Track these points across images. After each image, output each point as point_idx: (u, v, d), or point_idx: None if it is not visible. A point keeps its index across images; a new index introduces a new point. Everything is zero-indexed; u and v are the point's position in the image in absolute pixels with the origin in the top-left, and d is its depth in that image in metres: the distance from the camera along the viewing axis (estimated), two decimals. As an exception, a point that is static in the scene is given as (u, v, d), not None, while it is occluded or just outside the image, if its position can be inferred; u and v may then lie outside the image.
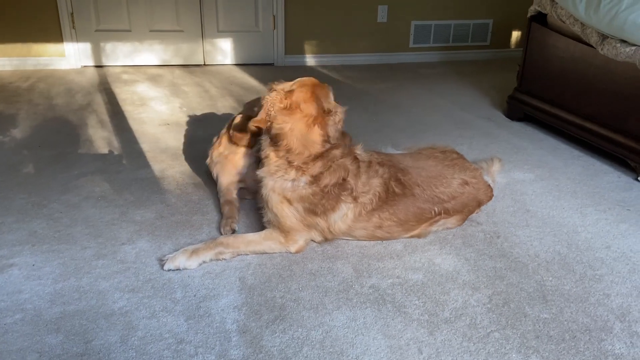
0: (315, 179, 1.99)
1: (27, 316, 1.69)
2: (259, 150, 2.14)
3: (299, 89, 2.01)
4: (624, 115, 2.84)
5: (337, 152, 2.04)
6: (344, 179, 2.02)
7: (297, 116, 1.97)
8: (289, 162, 1.99)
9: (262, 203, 2.09)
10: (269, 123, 2.00)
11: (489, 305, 1.79)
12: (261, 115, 2.01)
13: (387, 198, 2.07)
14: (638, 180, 2.73)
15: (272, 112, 1.98)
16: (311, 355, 1.57)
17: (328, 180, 1.99)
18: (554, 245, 2.15)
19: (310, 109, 1.99)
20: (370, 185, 2.06)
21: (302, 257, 2.05)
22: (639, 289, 1.88)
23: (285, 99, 1.99)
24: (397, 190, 2.08)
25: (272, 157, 2.02)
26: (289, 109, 1.97)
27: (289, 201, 2.00)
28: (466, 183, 2.21)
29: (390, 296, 1.83)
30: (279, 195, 2.00)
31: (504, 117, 3.80)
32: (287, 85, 2.04)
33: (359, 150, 2.13)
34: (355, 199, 2.03)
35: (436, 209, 2.13)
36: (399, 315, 1.74)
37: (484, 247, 2.13)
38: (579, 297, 1.84)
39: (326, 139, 2.01)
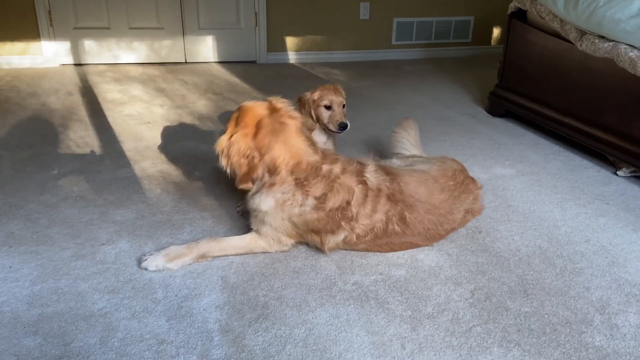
0: (320, 202, 1.91)
1: (4, 319, 1.65)
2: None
3: (242, 114, 1.94)
4: (602, 110, 2.88)
5: (336, 170, 1.95)
6: (348, 203, 1.92)
7: (264, 132, 1.89)
8: (296, 180, 1.90)
9: (254, 217, 2.01)
10: (258, 168, 1.90)
11: (471, 300, 1.80)
12: (243, 170, 1.91)
13: (384, 235, 1.98)
14: (617, 175, 2.77)
15: (251, 152, 1.89)
16: (294, 353, 1.56)
17: (332, 203, 1.91)
18: (534, 239, 2.17)
19: (268, 118, 1.92)
20: (371, 220, 1.95)
21: (285, 256, 2.03)
22: (619, 281, 1.91)
23: (244, 129, 1.90)
24: (397, 229, 1.97)
25: (276, 184, 1.91)
26: (257, 133, 1.89)
27: (294, 224, 1.95)
28: (468, 212, 2.16)
29: (373, 293, 1.83)
30: (285, 220, 1.95)
31: (485, 113, 3.83)
32: (232, 124, 1.95)
33: (368, 173, 2.00)
34: (352, 228, 1.94)
35: (434, 244, 2.09)
36: (382, 312, 1.73)
37: (466, 242, 2.14)
38: (560, 290, 1.85)
39: (310, 142, 1.98)
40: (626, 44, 2.63)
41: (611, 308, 1.76)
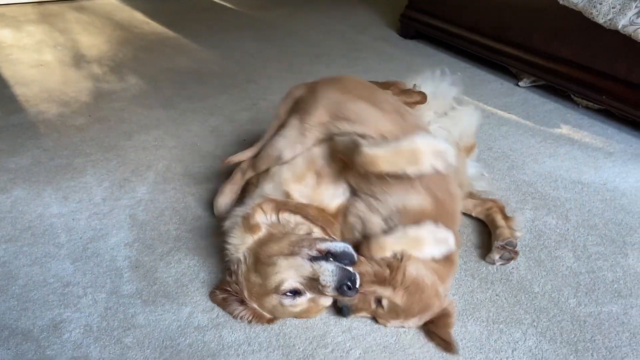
0: None
1: None
2: None
3: None
4: (504, 24, 2.95)
5: None
6: None
7: None
8: None
9: None
10: None
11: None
12: None
13: None
14: (518, 86, 2.89)
15: None
16: (208, 280, 1.55)
17: None
18: (442, 151, 2.24)
19: None
20: None
21: (197, 189, 1.98)
22: (517, 182, 2.02)
23: None
24: None
25: None
26: None
27: None
28: None
29: (286, 215, 1.83)
30: None
31: (397, 36, 3.82)
32: None
33: None
34: None
35: None
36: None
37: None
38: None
39: None
40: (523, -45, 2.66)
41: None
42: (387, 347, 1.34)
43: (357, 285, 1.27)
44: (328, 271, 1.27)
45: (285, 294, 1.32)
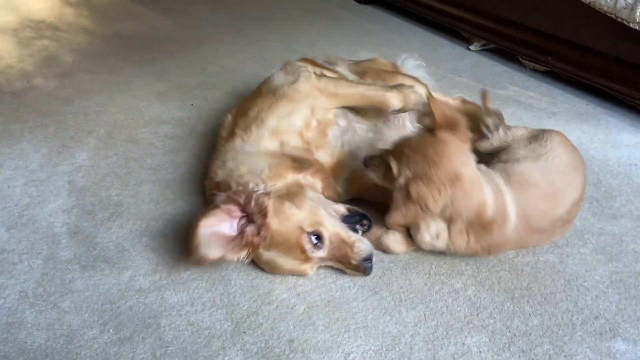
0: None
1: None
2: None
3: None
4: (457, -13, 2.94)
5: None
6: None
7: None
8: None
9: None
10: None
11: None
12: None
13: None
14: (469, 50, 2.90)
15: None
16: (151, 244, 1.52)
17: None
18: (392, 114, 2.24)
19: None
20: None
21: (141, 154, 1.93)
22: (464, 143, 2.04)
23: None
24: None
25: None
26: None
27: None
28: None
29: (233, 178, 1.80)
30: None
31: (352, 1, 3.77)
32: None
33: None
34: None
35: None
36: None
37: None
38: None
39: None
40: None
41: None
42: (331, 302, 1.35)
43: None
44: (363, 243, 1.38)
45: (311, 235, 1.34)
